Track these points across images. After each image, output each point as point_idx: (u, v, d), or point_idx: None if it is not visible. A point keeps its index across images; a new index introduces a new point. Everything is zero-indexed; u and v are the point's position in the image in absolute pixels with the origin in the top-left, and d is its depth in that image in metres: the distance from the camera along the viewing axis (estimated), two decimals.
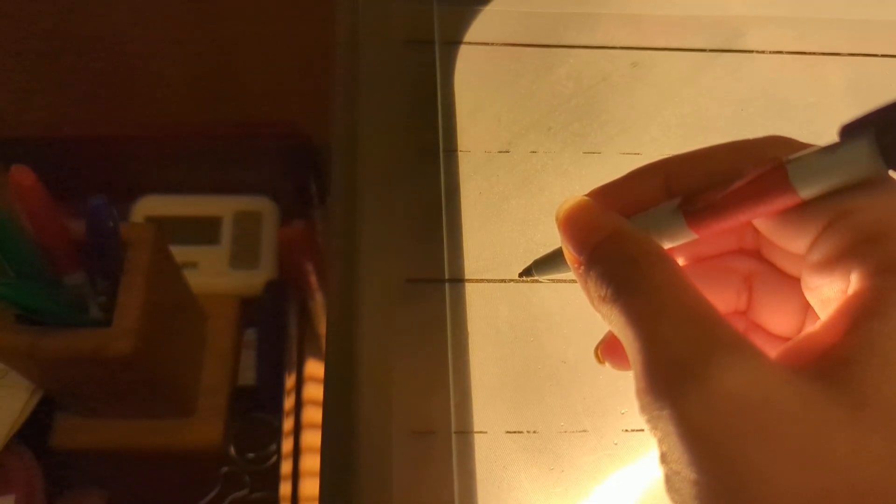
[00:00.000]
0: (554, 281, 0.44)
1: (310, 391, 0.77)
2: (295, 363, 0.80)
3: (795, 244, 0.22)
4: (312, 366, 0.79)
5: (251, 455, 0.77)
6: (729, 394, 0.18)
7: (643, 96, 0.53)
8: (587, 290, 0.23)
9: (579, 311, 0.43)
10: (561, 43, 0.54)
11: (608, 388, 0.42)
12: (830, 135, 0.20)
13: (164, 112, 0.85)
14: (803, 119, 0.53)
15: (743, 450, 0.18)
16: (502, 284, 0.44)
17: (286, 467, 0.74)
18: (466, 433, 0.40)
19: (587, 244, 0.23)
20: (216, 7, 0.73)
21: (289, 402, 0.78)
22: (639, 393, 0.20)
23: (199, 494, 0.76)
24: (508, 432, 0.40)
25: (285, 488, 0.74)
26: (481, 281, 0.44)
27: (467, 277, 0.44)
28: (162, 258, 0.61)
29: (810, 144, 0.22)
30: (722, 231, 0.23)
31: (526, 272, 0.29)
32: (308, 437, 0.74)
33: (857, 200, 0.20)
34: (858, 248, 0.20)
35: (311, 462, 0.72)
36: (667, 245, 0.24)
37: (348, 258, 0.44)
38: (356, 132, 0.48)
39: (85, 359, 0.55)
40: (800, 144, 0.22)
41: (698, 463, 0.18)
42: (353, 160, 0.47)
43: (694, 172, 0.24)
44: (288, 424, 0.76)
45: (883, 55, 0.56)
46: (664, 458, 0.19)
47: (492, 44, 0.54)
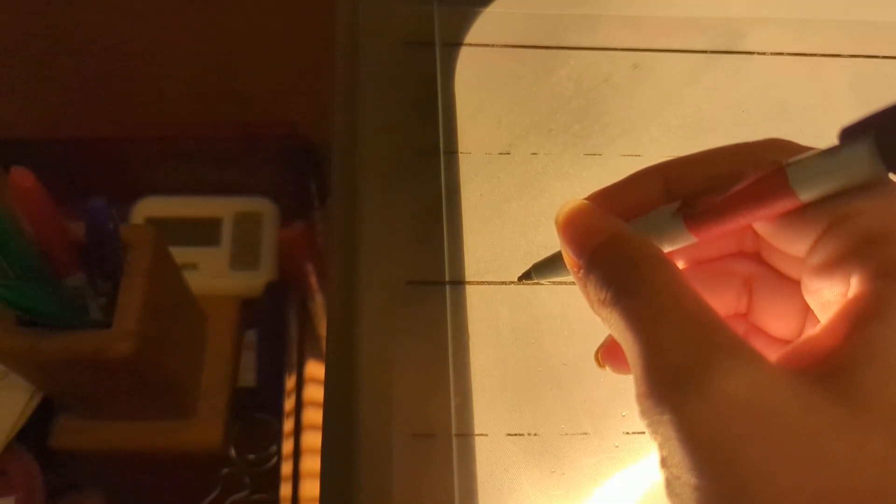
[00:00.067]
0: (554, 283, 0.44)
1: (310, 392, 0.77)
2: (295, 364, 0.80)
3: (795, 247, 0.22)
4: (313, 367, 0.79)
5: (251, 456, 0.77)
6: (729, 398, 0.18)
7: (644, 98, 0.53)
8: (587, 294, 0.23)
9: (580, 314, 0.43)
10: (561, 44, 0.54)
11: (609, 391, 0.41)
12: (831, 136, 0.20)
13: (165, 113, 0.85)
14: (804, 120, 0.53)
15: (743, 454, 0.17)
16: (503, 286, 0.44)
17: (286, 469, 0.74)
18: (467, 436, 0.40)
19: (586, 248, 0.23)
20: (216, 8, 0.73)
21: (289, 404, 0.78)
22: (639, 397, 0.20)
23: (200, 496, 0.76)
24: (509, 435, 0.40)
25: (286, 490, 0.73)
26: (482, 283, 0.44)
27: (468, 279, 0.44)
28: (162, 259, 0.61)
29: (810, 147, 0.22)
30: (722, 234, 0.23)
31: (525, 276, 0.29)
32: (308, 439, 0.74)
33: (858, 203, 0.20)
34: (859, 252, 0.20)
35: (312, 463, 0.72)
36: (666, 248, 0.24)
37: (348, 260, 0.44)
38: (356, 133, 0.48)
39: (85, 360, 0.55)
40: (799, 147, 0.22)
41: (699, 467, 0.18)
42: (354, 162, 0.47)
43: (693, 176, 0.24)
44: (288, 426, 0.76)
45: (884, 56, 0.55)
46: (665, 463, 0.19)
47: (492, 45, 0.54)
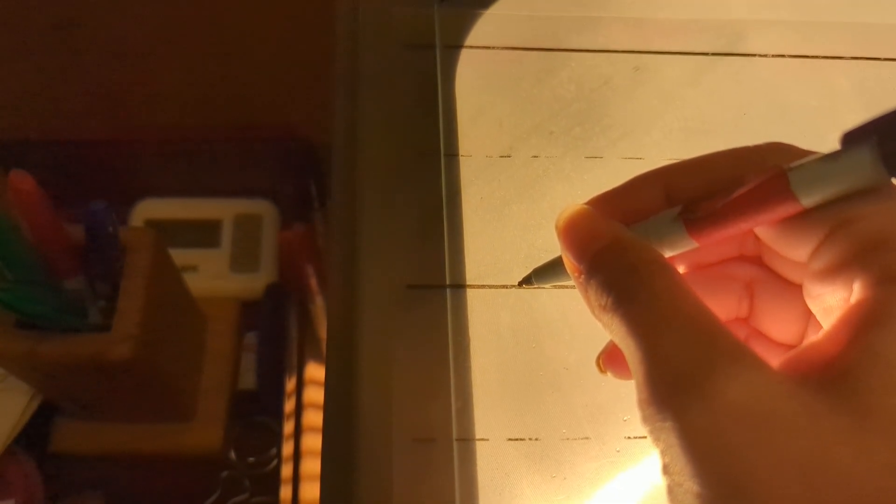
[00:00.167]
0: (555, 287, 0.44)
1: (310, 395, 0.77)
2: (295, 366, 0.80)
3: (797, 252, 0.22)
4: (313, 369, 0.79)
5: (251, 459, 0.77)
6: (731, 405, 0.18)
7: (645, 100, 0.52)
8: (587, 299, 0.23)
9: (581, 318, 0.43)
10: (562, 46, 0.54)
11: (610, 395, 0.41)
12: (833, 139, 0.20)
13: (164, 115, 0.85)
14: (806, 123, 0.52)
15: (746, 462, 0.17)
16: (504, 290, 0.44)
17: (286, 471, 0.74)
18: (468, 440, 0.40)
19: (587, 252, 0.23)
20: (216, 10, 0.73)
21: (289, 406, 0.78)
22: (640, 404, 0.20)
23: (200, 499, 0.76)
24: (510, 439, 0.40)
25: (286, 492, 0.73)
26: (482, 287, 0.44)
27: (468, 283, 0.44)
28: (162, 262, 0.61)
29: (810, 151, 0.21)
30: (723, 239, 0.23)
31: (526, 281, 0.29)
32: (308, 441, 0.74)
33: (860, 208, 0.20)
34: (861, 257, 0.20)
35: (312, 466, 0.72)
36: (667, 253, 0.23)
37: (349, 263, 0.44)
38: (357, 136, 0.48)
39: (84, 364, 0.55)
40: (800, 151, 0.22)
41: (701, 475, 0.18)
42: (354, 164, 0.47)
43: (694, 180, 0.24)
44: (288, 428, 0.76)
45: (886, 59, 0.55)
46: (667, 470, 0.19)
47: (493, 47, 0.54)
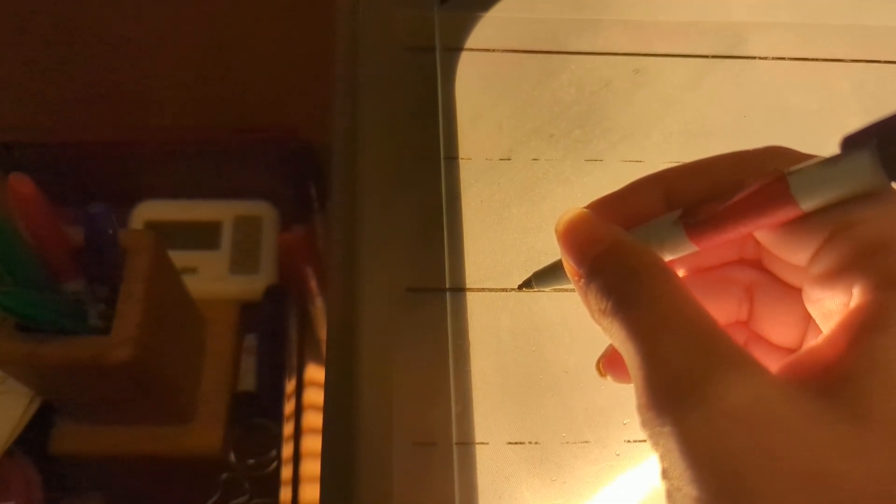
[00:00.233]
0: (555, 290, 0.44)
1: (310, 396, 0.77)
2: (295, 368, 0.80)
3: (797, 256, 0.22)
4: (312, 371, 0.79)
5: (251, 461, 0.77)
6: (730, 410, 0.18)
7: (645, 103, 0.52)
8: (587, 303, 0.23)
9: (581, 321, 0.43)
10: (562, 49, 0.54)
11: (610, 399, 0.41)
12: (833, 142, 0.20)
13: (164, 116, 0.85)
14: (806, 125, 0.52)
15: (745, 467, 0.17)
16: (503, 293, 0.44)
17: (286, 473, 0.74)
18: (468, 444, 0.40)
19: (587, 256, 0.23)
20: (216, 12, 0.73)
21: (289, 408, 0.78)
22: (640, 408, 0.20)
23: (199, 500, 0.76)
24: (510, 443, 0.40)
25: (285, 494, 0.73)
26: (482, 290, 0.44)
27: (468, 286, 0.44)
28: (161, 265, 0.61)
29: (810, 155, 0.21)
30: (723, 243, 0.23)
31: (526, 284, 0.29)
32: (308, 443, 0.73)
33: (859, 213, 0.20)
34: (860, 261, 0.20)
35: (312, 467, 0.72)
36: (667, 257, 0.23)
37: (348, 265, 0.43)
38: (357, 138, 0.48)
39: (84, 366, 0.55)
40: (799, 155, 0.22)
41: (700, 480, 0.18)
42: (354, 166, 0.47)
43: (694, 184, 0.24)
44: (288, 430, 0.76)
45: (886, 61, 0.55)
46: (666, 474, 0.19)
47: (493, 50, 0.54)
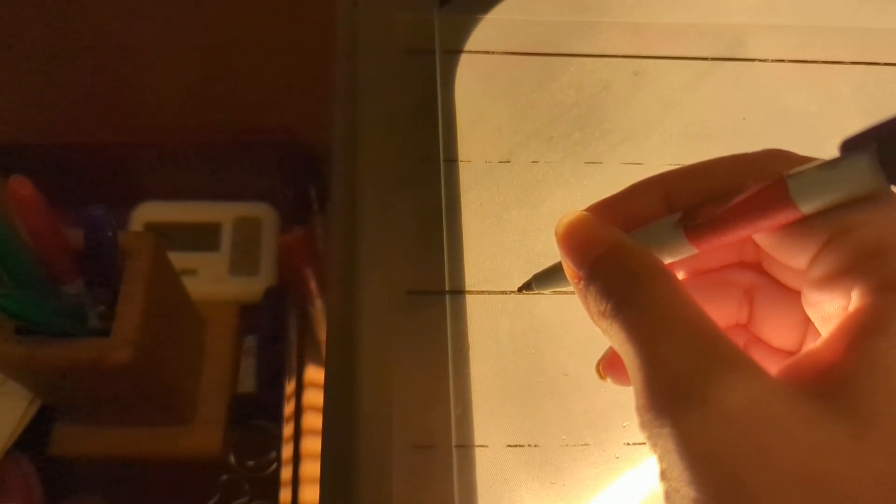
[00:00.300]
0: (555, 293, 0.44)
1: (309, 398, 0.77)
2: (295, 370, 0.80)
3: (796, 260, 0.22)
4: (312, 372, 0.79)
5: (251, 462, 0.77)
6: (729, 412, 0.18)
7: (645, 105, 0.52)
8: (587, 305, 0.23)
9: (580, 323, 0.43)
10: (562, 51, 0.54)
11: (610, 401, 0.41)
12: (833, 144, 0.20)
13: (164, 118, 0.85)
14: (805, 128, 0.52)
15: (743, 468, 0.17)
16: (503, 296, 0.44)
17: (286, 474, 0.74)
18: (467, 447, 0.40)
19: (586, 258, 0.23)
20: (215, 14, 0.73)
21: (288, 409, 0.78)
22: (639, 410, 0.20)
23: (199, 502, 0.76)
24: (509, 446, 0.40)
25: (285, 495, 0.73)
26: (482, 293, 0.44)
27: (468, 289, 0.44)
28: (161, 267, 0.61)
29: (810, 158, 0.21)
30: (722, 246, 0.23)
31: (526, 286, 0.29)
32: (308, 444, 0.73)
33: (859, 216, 0.20)
34: (859, 265, 0.20)
35: (311, 469, 0.72)
36: (667, 260, 0.23)
37: (348, 268, 0.43)
38: (356, 140, 0.48)
39: (84, 368, 0.55)
40: (799, 158, 0.22)
41: (698, 481, 0.18)
42: (353, 168, 0.47)
43: (693, 187, 0.24)
44: (287, 431, 0.76)
45: (886, 63, 0.55)
46: (664, 475, 0.19)
47: (492, 52, 0.54)
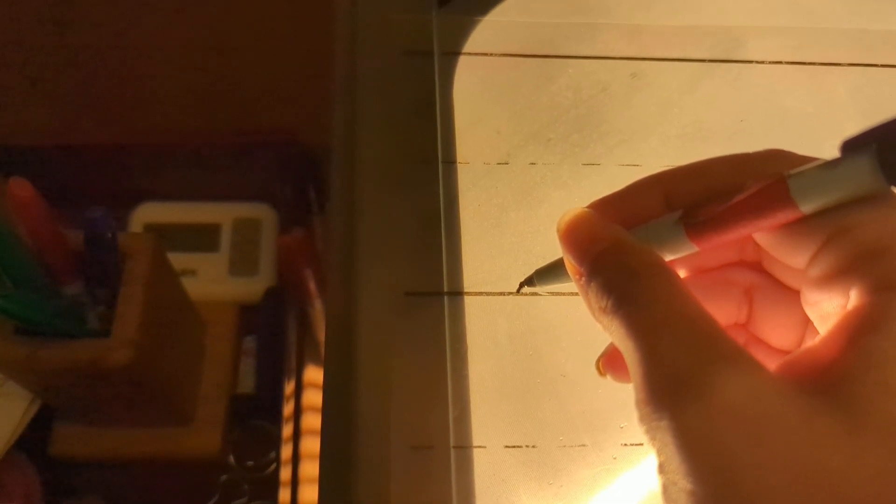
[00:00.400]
0: (553, 294, 0.44)
1: (309, 398, 0.77)
2: (294, 370, 0.80)
3: (796, 259, 0.22)
4: (311, 373, 0.79)
5: (250, 463, 0.77)
6: (727, 406, 0.18)
7: (643, 107, 0.52)
8: (588, 301, 0.23)
9: (579, 325, 0.43)
10: (560, 53, 0.54)
11: (607, 402, 0.41)
12: (831, 145, 0.20)
13: (164, 119, 0.85)
14: (803, 129, 0.53)
15: (740, 462, 0.18)
16: (501, 297, 0.44)
17: (285, 475, 0.74)
18: (465, 448, 0.40)
19: (588, 255, 0.23)
20: (215, 14, 0.73)
21: (288, 410, 0.78)
22: (638, 403, 0.20)
23: (199, 502, 0.76)
24: (507, 447, 0.40)
25: (284, 496, 0.73)
26: (480, 294, 0.44)
27: (466, 290, 0.44)
28: (161, 268, 0.61)
29: (809, 158, 0.22)
30: (723, 244, 0.23)
31: (527, 282, 0.29)
32: (307, 444, 0.74)
33: (858, 216, 0.20)
34: (858, 264, 0.20)
35: (310, 469, 0.72)
36: (668, 257, 0.24)
37: (347, 269, 0.44)
38: (355, 141, 0.48)
39: (83, 369, 0.55)
40: (798, 158, 0.22)
41: (695, 474, 0.18)
42: (352, 169, 0.47)
43: (694, 185, 0.24)
44: (287, 432, 0.76)
45: (883, 65, 0.55)
46: (662, 468, 0.19)
47: (491, 54, 0.54)
